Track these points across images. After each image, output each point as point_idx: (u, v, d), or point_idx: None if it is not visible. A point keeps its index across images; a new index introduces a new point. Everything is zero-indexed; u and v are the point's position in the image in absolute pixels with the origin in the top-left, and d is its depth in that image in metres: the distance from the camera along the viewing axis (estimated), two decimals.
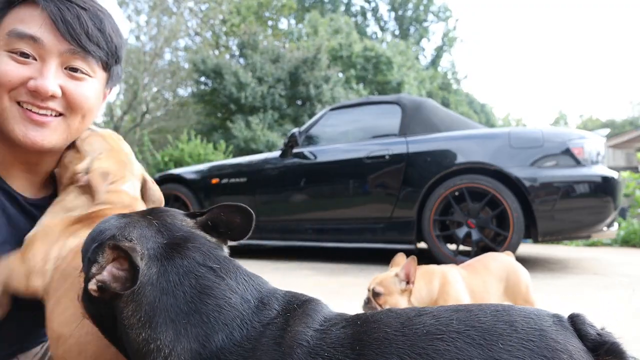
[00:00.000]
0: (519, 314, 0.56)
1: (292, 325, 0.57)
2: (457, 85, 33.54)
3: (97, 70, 1.03)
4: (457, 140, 4.11)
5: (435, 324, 0.56)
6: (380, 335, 0.56)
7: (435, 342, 0.53)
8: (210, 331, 0.56)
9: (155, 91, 21.81)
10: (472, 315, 0.56)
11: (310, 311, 0.60)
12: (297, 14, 28.45)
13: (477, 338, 0.53)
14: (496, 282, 1.68)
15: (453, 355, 0.52)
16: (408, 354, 0.53)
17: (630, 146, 16.58)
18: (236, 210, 0.74)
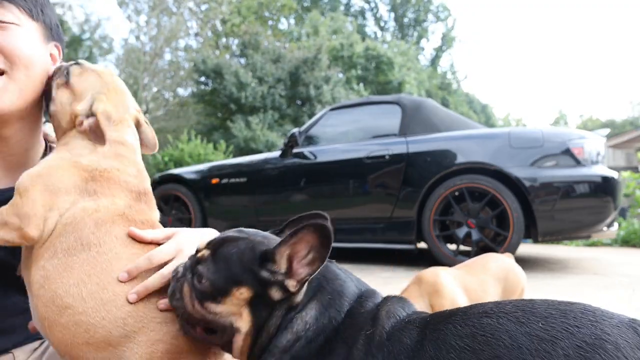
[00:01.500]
0: (581, 308, 0.59)
1: (390, 305, 0.73)
2: (457, 86, 33.53)
3: (23, 18, 1.00)
4: (457, 140, 4.11)
5: (492, 307, 0.64)
6: (448, 312, 0.68)
7: (483, 319, 0.62)
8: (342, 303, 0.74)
9: (155, 91, 21.81)
10: (528, 302, 0.63)
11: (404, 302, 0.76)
12: (297, 14, 28.46)
13: (520, 317, 0.59)
14: (494, 282, 1.68)
15: (492, 328, 0.59)
16: (460, 324, 0.63)
17: (630, 146, 16.58)
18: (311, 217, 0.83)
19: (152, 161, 12.07)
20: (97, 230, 0.86)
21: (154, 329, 0.81)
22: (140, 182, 0.98)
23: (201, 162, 10.89)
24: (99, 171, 0.91)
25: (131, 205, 0.93)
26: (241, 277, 0.74)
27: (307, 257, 0.72)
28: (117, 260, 0.85)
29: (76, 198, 0.88)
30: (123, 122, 1.01)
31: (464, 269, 1.74)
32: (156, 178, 5.29)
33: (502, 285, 1.69)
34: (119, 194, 0.92)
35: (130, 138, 1.01)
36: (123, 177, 0.94)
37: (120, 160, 0.96)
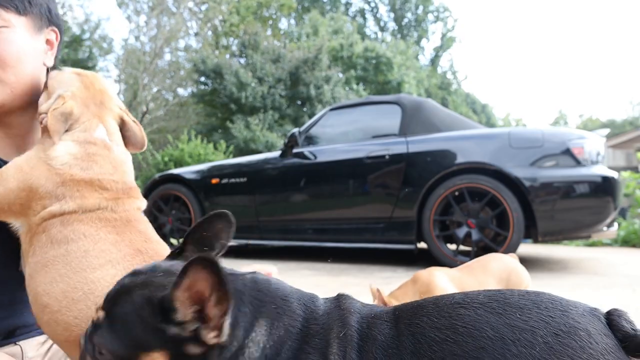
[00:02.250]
0: (548, 297, 0.61)
1: (344, 302, 0.69)
2: (457, 86, 33.54)
3: (10, 17, 1.01)
4: (457, 140, 4.11)
5: (463, 297, 0.64)
6: (415, 304, 0.66)
7: (459, 309, 0.61)
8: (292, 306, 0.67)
9: (155, 91, 21.81)
10: (499, 293, 0.63)
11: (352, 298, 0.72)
12: (297, 14, 28.46)
13: (497, 308, 0.59)
14: (494, 283, 1.67)
15: (472, 319, 0.59)
16: (435, 316, 0.61)
17: (630, 146, 16.57)
18: (213, 219, 0.74)
19: (152, 161, 12.08)
20: (63, 229, 0.87)
21: None
22: (119, 178, 0.98)
23: (201, 162, 10.89)
24: (69, 175, 0.92)
25: (102, 206, 0.92)
26: (146, 341, 0.60)
27: (212, 297, 0.58)
28: (85, 258, 0.85)
29: (46, 203, 0.90)
30: (92, 120, 1.00)
31: (464, 270, 1.74)
32: (156, 178, 5.29)
33: (504, 286, 1.69)
34: (88, 195, 0.92)
35: (100, 135, 1.00)
36: (95, 177, 0.94)
37: (93, 160, 0.96)
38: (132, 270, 0.67)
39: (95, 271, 0.84)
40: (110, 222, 0.91)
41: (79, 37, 19.07)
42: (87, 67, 19.05)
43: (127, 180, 1.01)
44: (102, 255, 0.86)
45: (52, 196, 0.90)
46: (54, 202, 0.89)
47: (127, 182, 1.01)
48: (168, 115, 21.89)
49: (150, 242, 0.94)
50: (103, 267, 0.85)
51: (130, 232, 0.93)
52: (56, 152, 0.93)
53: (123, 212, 0.95)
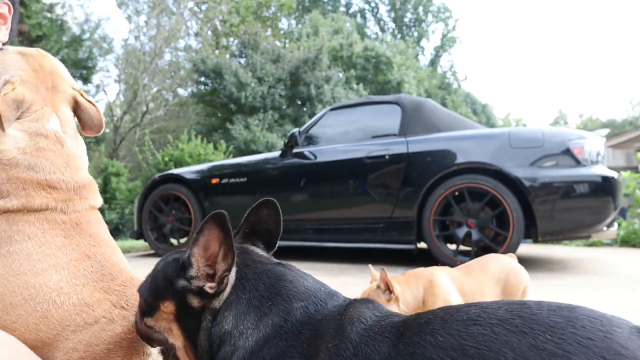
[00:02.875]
0: (585, 314, 0.52)
1: (356, 308, 0.65)
2: (457, 86, 33.54)
3: None
4: (457, 140, 4.11)
5: (478, 312, 0.55)
6: (422, 320, 0.59)
7: (471, 327, 0.53)
8: (290, 307, 0.65)
9: (155, 91, 21.81)
10: (524, 307, 0.54)
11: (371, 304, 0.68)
12: (298, 14, 28.46)
13: (520, 326, 0.50)
14: (493, 284, 1.67)
15: (487, 338, 0.50)
16: (441, 335, 0.54)
17: (630, 146, 16.58)
18: (258, 206, 0.81)
19: (152, 161, 12.08)
20: (8, 228, 0.82)
21: (67, 338, 0.76)
22: (70, 177, 0.92)
23: (201, 162, 10.89)
24: (15, 172, 0.85)
25: (51, 206, 0.87)
26: (164, 290, 0.72)
27: (220, 253, 0.67)
28: (27, 261, 0.80)
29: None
30: (45, 108, 0.93)
31: (463, 270, 1.74)
32: (156, 178, 5.30)
33: (502, 287, 1.69)
34: (35, 194, 0.86)
35: (53, 126, 0.93)
36: (44, 177, 0.87)
37: (43, 155, 0.89)
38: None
39: (37, 276, 0.79)
40: (58, 224, 0.86)
41: (79, 37, 19.07)
42: (87, 67, 19.06)
43: (79, 177, 0.94)
44: (45, 260, 0.81)
45: None
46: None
47: (80, 180, 0.94)
48: (168, 115, 21.90)
49: (99, 246, 0.88)
50: (46, 272, 0.80)
51: (79, 236, 0.87)
52: (3, 144, 0.86)
53: (73, 213, 0.89)
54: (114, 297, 0.82)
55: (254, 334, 0.64)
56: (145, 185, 5.34)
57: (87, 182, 0.96)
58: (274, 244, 0.82)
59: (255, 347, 0.63)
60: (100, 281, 0.83)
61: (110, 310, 0.80)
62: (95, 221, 0.93)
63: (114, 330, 0.78)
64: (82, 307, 0.78)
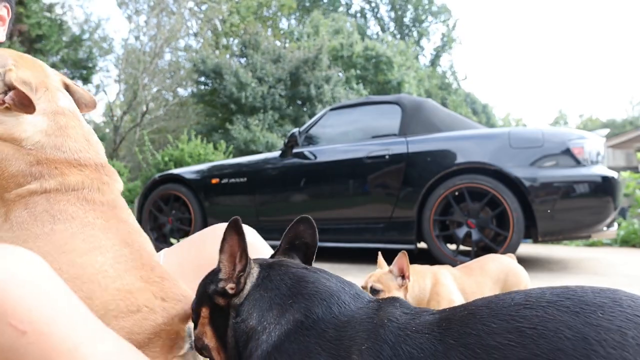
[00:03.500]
0: (626, 295, 0.55)
1: (385, 308, 0.65)
2: (457, 86, 33.54)
3: None
4: (457, 140, 4.11)
5: (523, 297, 0.56)
6: (464, 312, 0.58)
7: (522, 311, 0.53)
8: (311, 305, 0.67)
9: (155, 91, 21.82)
10: (570, 290, 0.56)
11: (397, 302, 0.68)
12: (298, 14, 28.46)
13: (572, 307, 0.52)
14: (492, 284, 1.68)
15: (542, 319, 0.52)
16: (492, 322, 0.54)
17: (630, 146, 16.59)
18: (296, 222, 0.88)
19: (152, 161, 12.08)
20: (50, 208, 0.81)
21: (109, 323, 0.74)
22: (95, 154, 0.92)
23: (201, 162, 10.89)
24: (43, 154, 0.84)
25: (87, 184, 0.86)
26: (202, 297, 0.79)
27: (238, 254, 0.73)
28: (72, 240, 0.79)
29: (20, 180, 0.83)
30: (50, 87, 0.93)
31: (463, 270, 1.74)
32: (156, 178, 5.30)
33: (501, 286, 1.69)
34: (70, 171, 0.85)
35: (65, 103, 0.93)
36: (72, 155, 0.87)
37: (66, 134, 0.88)
38: None
39: (82, 256, 0.78)
40: (97, 205, 0.85)
41: (79, 37, 19.08)
42: (87, 67, 19.07)
43: (102, 156, 0.94)
44: (90, 240, 0.80)
45: (26, 174, 0.83)
46: (30, 181, 0.82)
47: (103, 159, 0.94)
48: (168, 115, 21.91)
49: (135, 234, 0.88)
50: (91, 253, 0.79)
51: (116, 220, 0.87)
52: (24, 131, 0.85)
53: (110, 194, 0.89)
54: (155, 288, 0.82)
55: (276, 329, 0.67)
56: (145, 185, 5.34)
57: (107, 162, 0.95)
58: (311, 257, 0.87)
59: (278, 342, 0.65)
60: (141, 269, 0.83)
61: (152, 300, 0.80)
62: (125, 206, 0.93)
63: (155, 320, 0.78)
64: (125, 293, 0.78)
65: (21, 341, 0.56)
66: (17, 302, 0.57)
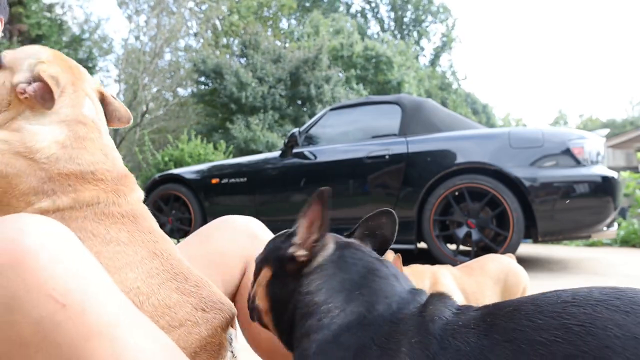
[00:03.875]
0: None
1: (434, 304, 0.66)
2: (457, 86, 33.54)
3: None
4: (457, 140, 4.11)
5: (570, 295, 0.56)
6: (509, 308, 0.58)
7: (569, 308, 0.53)
8: (375, 301, 0.68)
9: (155, 91, 21.82)
10: (619, 290, 0.56)
11: (446, 299, 0.68)
12: (299, 14, 28.47)
13: (621, 306, 0.51)
14: (492, 284, 1.68)
15: (590, 317, 0.51)
16: (538, 318, 0.54)
17: (630, 146, 16.59)
18: (379, 213, 0.88)
19: (152, 161, 12.08)
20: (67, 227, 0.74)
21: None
22: (113, 166, 0.87)
23: (201, 162, 10.89)
24: (57, 169, 0.79)
25: (102, 198, 0.81)
26: (268, 256, 0.80)
27: (317, 223, 0.74)
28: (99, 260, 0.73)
29: (31, 199, 0.77)
30: (78, 91, 0.88)
31: (463, 270, 1.74)
32: (156, 178, 5.30)
33: (501, 286, 1.69)
34: (84, 188, 0.80)
35: (89, 112, 0.88)
36: (87, 168, 0.82)
37: (82, 146, 0.83)
38: None
39: (112, 275, 0.73)
40: (117, 218, 0.81)
41: (79, 37, 19.08)
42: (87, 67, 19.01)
43: (120, 168, 0.90)
44: (117, 258, 0.76)
45: (38, 192, 0.78)
46: (42, 199, 0.77)
47: (121, 170, 0.90)
48: (168, 115, 21.90)
49: (161, 242, 0.85)
50: (121, 271, 0.75)
51: (139, 231, 0.82)
52: (39, 142, 0.80)
53: (127, 205, 0.84)
54: (193, 299, 0.79)
55: (339, 316, 0.67)
56: (145, 185, 5.35)
57: (127, 173, 0.91)
58: (384, 252, 0.88)
59: (338, 332, 0.66)
60: (174, 281, 0.79)
61: (193, 313, 0.77)
62: (147, 214, 0.89)
63: (200, 333, 0.76)
64: (164, 309, 0.75)
65: (60, 315, 0.54)
66: (57, 272, 0.55)
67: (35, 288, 0.53)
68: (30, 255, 0.54)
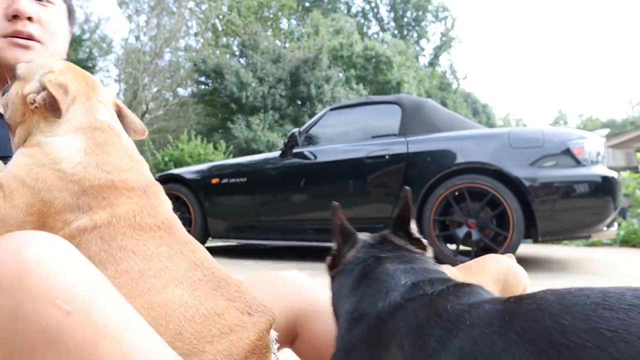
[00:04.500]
0: None
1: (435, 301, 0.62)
2: (457, 85, 33.54)
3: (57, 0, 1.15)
4: (457, 140, 4.11)
5: (600, 296, 0.52)
6: (532, 307, 0.54)
7: (601, 311, 0.50)
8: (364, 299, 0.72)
9: (155, 91, 21.82)
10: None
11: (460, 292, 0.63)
12: (299, 14, 28.47)
13: None
14: (492, 284, 1.68)
15: (624, 323, 0.47)
16: (565, 319, 0.50)
17: (630, 146, 16.59)
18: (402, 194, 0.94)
19: (152, 161, 12.08)
20: (107, 247, 0.73)
21: (205, 350, 0.71)
22: (140, 174, 0.85)
23: (201, 162, 10.89)
24: (88, 180, 0.76)
25: (137, 210, 0.79)
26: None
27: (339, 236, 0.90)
28: (142, 279, 0.72)
29: (67, 217, 0.74)
30: (92, 98, 0.87)
31: (462, 270, 1.74)
32: (156, 178, 5.29)
33: (501, 287, 1.69)
34: (118, 200, 0.78)
35: (105, 117, 0.87)
36: (117, 177, 0.80)
37: (105, 152, 0.81)
38: None
39: (159, 294, 0.71)
40: (154, 231, 0.78)
41: (79, 37, 19.08)
42: (87, 67, 19.07)
43: (147, 175, 0.89)
44: (161, 275, 0.73)
45: (74, 208, 0.74)
46: (79, 216, 0.74)
47: (149, 178, 0.88)
48: (168, 115, 21.90)
49: (199, 252, 0.82)
50: (167, 288, 0.73)
51: (177, 243, 0.80)
52: (61, 152, 0.78)
53: (161, 216, 0.83)
54: (238, 304, 0.78)
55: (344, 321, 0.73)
56: None
57: (153, 181, 0.90)
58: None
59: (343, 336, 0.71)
60: (219, 288, 0.78)
61: (240, 317, 0.77)
62: (180, 224, 0.88)
63: (249, 337, 0.76)
64: (214, 317, 0.74)
65: (67, 322, 0.55)
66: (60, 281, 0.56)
67: (40, 297, 0.54)
68: (34, 266, 0.55)
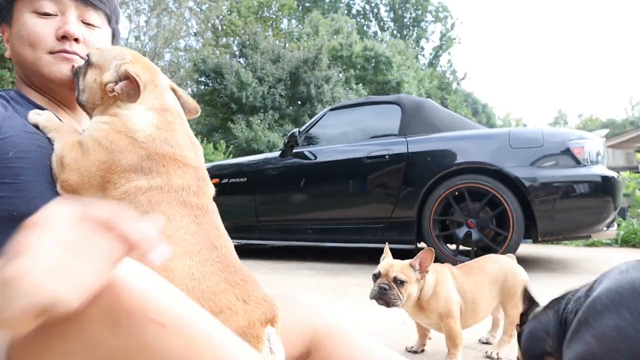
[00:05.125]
0: None
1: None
2: (456, 85, 33.53)
3: (104, 24, 1.16)
4: (457, 140, 4.11)
5: None
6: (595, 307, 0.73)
7: None
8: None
9: None
10: None
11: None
12: (299, 14, 28.46)
13: None
14: (491, 284, 1.68)
15: None
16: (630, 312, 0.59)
17: (630, 146, 16.59)
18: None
19: None
20: (151, 209, 0.83)
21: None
22: (195, 156, 0.95)
23: None
24: (153, 148, 0.88)
25: (186, 186, 0.89)
26: None
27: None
28: (168, 243, 0.79)
29: (130, 176, 0.86)
30: (159, 86, 0.99)
31: (462, 270, 1.74)
32: None
33: (500, 287, 1.69)
34: (175, 173, 0.88)
35: (172, 102, 0.99)
36: (179, 152, 0.91)
37: (173, 129, 0.93)
38: None
39: (175, 259, 0.80)
40: (192, 209, 0.88)
41: None
42: None
43: (200, 157, 0.98)
44: (182, 245, 0.82)
45: (137, 169, 0.86)
46: (140, 177, 0.85)
47: (201, 160, 0.98)
48: None
49: (224, 239, 0.90)
50: (182, 257, 0.81)
51: (207, 224, 0.89)
52: (137, 123, 0.90)
53: (203, 197, 0.92)
54: (238, 291, 0.83)
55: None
56: None
57: (204, 165, 0.98)
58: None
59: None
60: (225, 271, 0.84)
61: (234, 302, 0.81)
62: (216, 211, 0.96)
63: (237, 322, 0.79)
64: (210, 295, 0.80)
65: (164, 333, 0.59)
66: (151, 297, 0.60)
67: (137, 313, 0.58)
68: (126, 285, 0.60)
